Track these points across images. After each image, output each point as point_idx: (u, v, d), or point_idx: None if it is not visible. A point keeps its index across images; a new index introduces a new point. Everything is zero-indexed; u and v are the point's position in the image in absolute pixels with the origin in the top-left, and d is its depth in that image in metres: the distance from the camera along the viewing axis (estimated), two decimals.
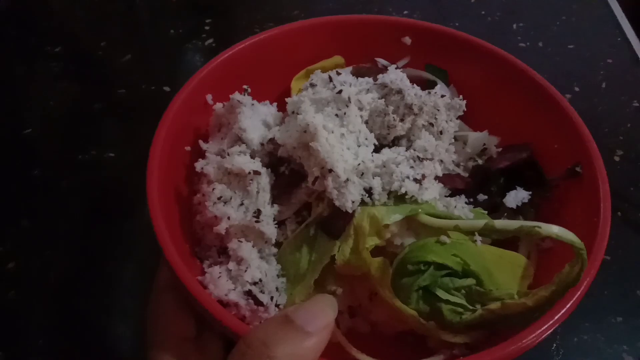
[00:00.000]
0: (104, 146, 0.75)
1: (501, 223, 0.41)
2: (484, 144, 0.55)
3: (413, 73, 0.59)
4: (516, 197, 0.50)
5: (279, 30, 0.58)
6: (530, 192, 0.50)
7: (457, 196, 0.50)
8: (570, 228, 0.41)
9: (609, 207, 0.45)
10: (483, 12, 1.00)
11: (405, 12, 0.99)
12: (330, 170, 0.44)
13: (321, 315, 0.36)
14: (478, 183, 0.52)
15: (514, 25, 0.98)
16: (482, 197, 0.51)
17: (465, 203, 0.50)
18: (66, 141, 0.77)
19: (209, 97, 0.54)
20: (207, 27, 0.93)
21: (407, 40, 0.60)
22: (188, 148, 0.52)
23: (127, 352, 0.58)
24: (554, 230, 0.38)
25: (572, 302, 0.40)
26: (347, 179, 0.44)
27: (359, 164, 0.45)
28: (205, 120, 0.54)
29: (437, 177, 0.49)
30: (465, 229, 0.43)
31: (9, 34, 0.93)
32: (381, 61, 0.60)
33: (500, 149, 0.55)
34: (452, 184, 0.50)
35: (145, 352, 0.43)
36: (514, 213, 0.50)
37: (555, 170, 0.51)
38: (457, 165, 0.54)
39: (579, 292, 0.40)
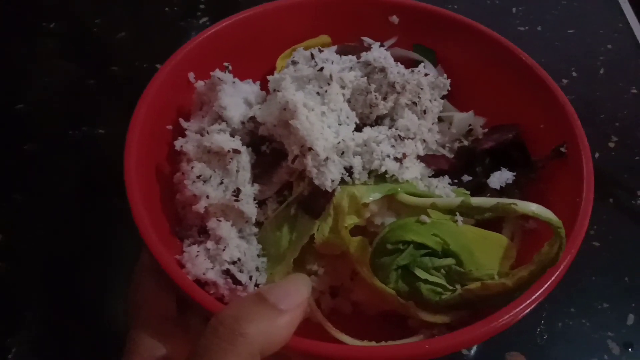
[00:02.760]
0: (96, 122, 0.75)
1: (477, 200, 0.40)
2: (470, 125, 0.54)
3: (400, 53, 0.58)
4: (500, 177, 0.49)
5: (265, 7, 0.57)
6: (515, 173, 0.50)
7: (441, 177, 0.49)
8: (554, 209, 0.41)
9: (591, 187, 0.44)
10: None
11: None
12: (310, 149, 0.44)
13: (294, 294, 0.36)
14: (463, 164, 0.51)
15: (514, 9, 0.96)
16: (467, 178, 0.50)
17: (450, 184, 0.49)
18: (59, 117, 0.77)
19: (191, 75, 0.53)
20: (202, 6, 0.93)
21: (395, 19, 0.59)
22: (170, 127, 0.51)
23: (117, 326, 0.58)
24: (531, 207, 0.38)
25: (550, 281, 0.39)
26: (327, 158, 0.44)
27: (339, 143, 0.44)
28: (189, 99, 0.54)
29: (420, 157, 0.48)
30: (442, 207, 0.42)
31: (5, 9, 0.93)
32: (367, 40, 0.59)
33: (486, 130, 0.54)
34: (436, 165, 0.49)
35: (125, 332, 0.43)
36: (499, 194, 0.49)
37: (542, 151, 0.50)
38: (443, 146, 0.53)
39: (557, 272, 0.39)
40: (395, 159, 0.45)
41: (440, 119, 0.54)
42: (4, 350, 0.56)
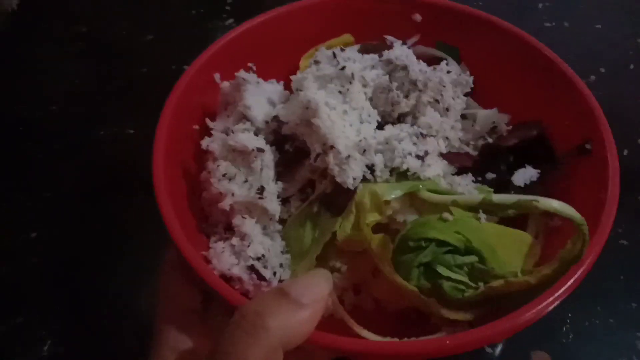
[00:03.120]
0: (124, 123, 0.77)
1: (499, 197, 0.40)
2: (494, 122, 0.54)
3: (423, 51, 0.58)
4: (524, 175, 0.49)
5: (288, 8, 0.58)
6: (540, 171, 0.49)
7: (464, 174, 0.49)
8: (579, 206, 0.40)
9: (617, 184, 0.43)
10: None
11: None
12: (332, 147, 0.44)
13: (315, 288, 0.37)
14: (486, 161, 0.51)
15: (540, 5, 0.95)
16: (490, 175, 0.50)
17: (473, 181, 0.49)
18: (88, 118, 0.80)
19: (216, 76, 0.54)
20: (227, 7, 0.94)
21: (417, 17, 0.59)
22: (196, 126, 0.53)
23: (121, 328, 0.59)
24: (553, 204, 0.38)
25: (574, 279, 0.39)
26: (349, 156, 0.44)
27: (361, 141, 0.45)
28: (215, 99, 0.55)
29: (442, 155, 0.48)
30: (463, 204, 0.42)
31: (35, 14, 0.96)
32: (390, 39, 0.59)
33: (510, 127, 0.54)
34: (459, 162, 0.49)
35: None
36: (523, 191, 0.49)
37: (567, 148, 0.50)
38: (467, 143, 0.53)
39: (581, 269, 0.39)
40: (417, 156, 0.45)
41: (463, 116, 0.54)
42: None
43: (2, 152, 0.76)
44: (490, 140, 0.54)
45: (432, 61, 0.55)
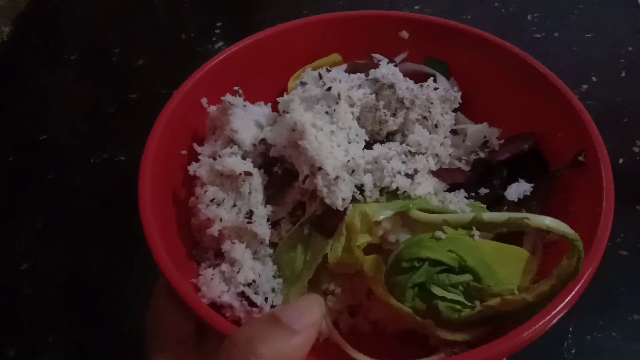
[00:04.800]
0: (116, 149, 0.77)
1: (490, 216, 0.39)
2: (485, 137, 0.53)
3: (411, 67, 0.58)
4: (518, 189, 0.48)
5: (275, 29, 0.58)
6: (533, 184, 0.48)
7: (457, 191, 0.49)
8: (575, 219, 0.40)
9: (612, 196, 0.43)
10: (496, 4, 0.98)
11: (416, 7, 0.98)
12: (320, 168, 0.44)
13: (308, 313, 0.36)
14: (479, 176, 0.50)
15: (529, 16, 0.95)
16: (484, 190, 0.49)
17: (466, 197, 0.48)
18: (80, 145, 0.80)
19: (204, 101, 0.54)
20: (217, 31, 0.94)
21: (405, 34, 0.59)
22: (184, 152, 0.52)
23: (137, 348, 0.58)
24: (545, 221, 0.37)
25: (571, 295, 0.38)
26: (337, 177, 0.44)
27: (349, 161, 0.44)
28: (203, 124, 0.55)
29: (434, 172, 0.48)
30: (454, 223, 0.42)
31: (27, 40, 0.96)
32: (377, 57, 0.59)
33: (502, 141, 0.53)
34: (452, 178, 0.49)
35: (144, 355, 0.43)
36: (517, 206, 0.48)
37: (560, 160, 0.49)
38: (458, 159, 0.53)
39: (578, 285, 0.38)
40: (407, 175, 0.44)
41: (454, 132, 0.54)
42: None
43: None
44: (482, 154, 0.53)
45: (421, 77, 0.55)
